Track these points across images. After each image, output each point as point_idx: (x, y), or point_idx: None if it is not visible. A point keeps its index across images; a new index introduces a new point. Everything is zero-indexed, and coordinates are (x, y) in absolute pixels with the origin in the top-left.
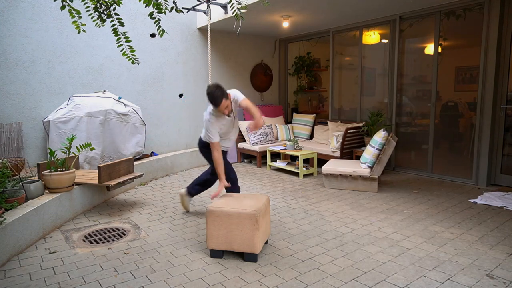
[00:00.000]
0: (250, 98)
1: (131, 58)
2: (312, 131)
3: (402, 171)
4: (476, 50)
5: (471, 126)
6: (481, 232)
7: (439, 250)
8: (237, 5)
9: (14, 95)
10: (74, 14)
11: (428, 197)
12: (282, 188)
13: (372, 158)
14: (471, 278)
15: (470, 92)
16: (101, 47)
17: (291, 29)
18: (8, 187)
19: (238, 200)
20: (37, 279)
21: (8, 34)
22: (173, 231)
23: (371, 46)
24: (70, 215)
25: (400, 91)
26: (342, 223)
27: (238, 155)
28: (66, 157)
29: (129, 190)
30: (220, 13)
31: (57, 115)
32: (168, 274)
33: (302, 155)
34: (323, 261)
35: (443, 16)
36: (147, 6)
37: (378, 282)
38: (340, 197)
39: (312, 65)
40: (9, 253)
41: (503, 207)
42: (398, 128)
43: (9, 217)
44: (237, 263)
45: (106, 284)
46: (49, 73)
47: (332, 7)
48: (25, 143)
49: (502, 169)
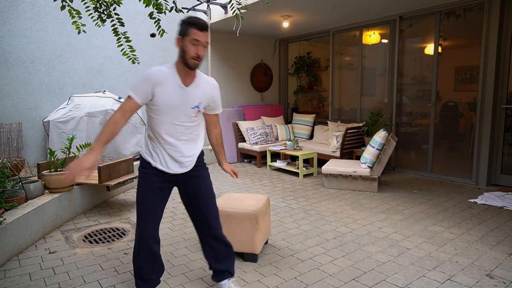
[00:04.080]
0: (250, 98)
1: (131, 58)
2: (312, 131)
3: (402, 171)
4: (476, 50)
5: (471, 126)
6: (481, 232)
7: (439, 250)
8: (237, 5)
9: (14, 95)
10: (74, 14)
11: (428, 197)
12: (282, 188)
13: (372, 158)
14: (471, 278)
15: (470, 92)
16: (101, 47)
17: (291, 29)
18: (8, 187)
19: (238, 200)
20: (37, 279)
21: (8, 34)
22: (173, 231)
23: (371, 46)
24: (70, 215)
25: (400, 91)
26: (342, 223)
27: (238, 155)
28: (66, 157)
29: (129, 190)
30: (220, 13)
31: (57, 115)
32: (168, 274)
33: (302, 155)
34: (323, 261)
35: (443, 16)
36: (147, 6)
37: (378, 282)
38: (340, 197)
39: (312, 65)
40: (9, 253)
41: (503, 207)
42: (398, 128)
43: (9, 217)
44: (237, 263)
45: (106, 284)
46: (49, 73)
47: (332, 7)
48: (25, 143)
49: (502, 169)
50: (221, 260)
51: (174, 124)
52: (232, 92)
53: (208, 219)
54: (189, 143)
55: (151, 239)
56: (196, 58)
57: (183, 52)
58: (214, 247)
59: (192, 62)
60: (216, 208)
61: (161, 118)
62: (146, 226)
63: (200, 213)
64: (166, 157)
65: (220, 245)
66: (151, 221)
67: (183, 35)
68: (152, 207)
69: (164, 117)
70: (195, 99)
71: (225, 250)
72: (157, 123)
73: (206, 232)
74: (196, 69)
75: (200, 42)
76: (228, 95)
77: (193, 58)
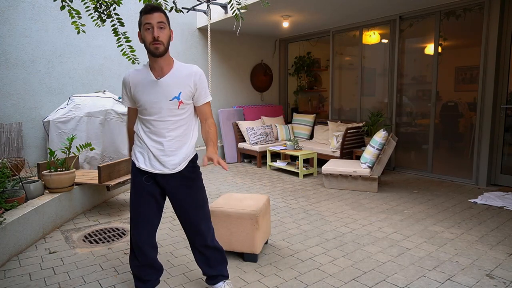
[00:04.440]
0: (250, 98)
1: (131, 58)
2: (312, 131)
3: (402, 171)
4: (476, 50)
5: (471, 126)
6: (481, 232)
7: (439, 250)
8: (237, 5)
9: (14, 95)
10: (74, 14)
11: (428, 197)
12: (282, 188)
13: (372, 158)
14: (471, 278)
15: (470, 92)
16: (101, 47)
17: (291, 29)
18: (8, 187)
19: (238, 200)
20: (37, 279)
21: (8, 34)
22: (173, 231)
23: (371, 46)
24: (70, 215)
25: (400, 91)
26: (342, 223)
27: (238, 155)
28: (66, 157)
29: (129, 190)
30: (220, 13)
31: (57, 115)
32: (168, 274)
33: (302, 155)
34: (323, 261)
35: (443, 16)
36: None
37: (378, 282)
38: (340, 197)
39: (312, 65)
40: (9, 253)
41: (503, 207)
42: (398, 128)
43: (9, 217)
44: (237, 263)
45: (106, 284)
46: (49, 73)
47: (332, 7)
48: (25, 143)
49: (502, 169)
50: (213, 266)
51: (157, 120)
52: (232, 92)
53: (198, 229)
54: (175, 141)
55: (144, 246)
56: (154, 41)
57: (144, 42)
58: (206, 254)
59: (153, 47)
60: (208, 217)
61: (145, 117)
62: (138, 233)
63: (190, 223)
64: (151, 155)
65: (211, 251)
66: (143, 227)
67: (139, 28)
68: (144, 214)
69: (147, 115)
70: (172, 90)
71: (217, 255)
72: (143, 122)
73: (197, 241)
74: (168, 57)
75: (152, 24)
76: (228, 95)
77: (152, 43)
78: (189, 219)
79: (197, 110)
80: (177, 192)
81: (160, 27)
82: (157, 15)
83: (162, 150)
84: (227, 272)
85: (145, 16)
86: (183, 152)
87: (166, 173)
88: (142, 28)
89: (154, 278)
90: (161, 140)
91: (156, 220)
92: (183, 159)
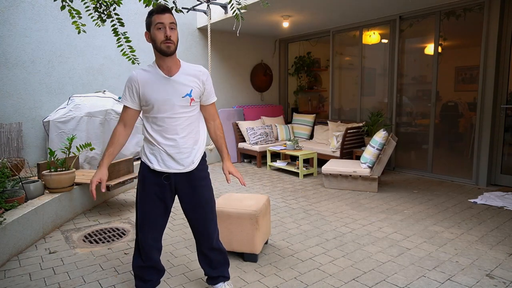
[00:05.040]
0: (250, 98)
1: (131, 58)
2: (312, 131)
3: (402, 171)
4: (476, 50)
5: (471, 126)
6: (481, 232)
7: (439, 250)
8: (237, 5)
9: (14, 95)
10: (74, 14)
11: (428, 197)
12: (282, 188)
13: (372, 158)
14: (471, 278)
15: (470, 92)
16: (101, 47)
17: (291, 29)
18: (8, 187)
19: (238, 200)
20: (37, 279)
21: (8, 34)
22: (173, 231)
23: (371, 46)
24: (70, 215)
25: (400, 91)
26: (342, 223)
27: (238, 155)
28: (66, 157)
29: (129, 190)
30: (220, 13)
31: (57, 115)
32: (168, 274)
33: (302, 155)
34: (323, 261)
35: (443, 16)
36: (147, 6)
37: (378, 282)
38: (340, 197)
39: (312, 65)
40: (9, 253)
41: (503, 207)
42: (398, 128)
43: (9, 217)
44: (237, 263)
45: (106, 284)
46: (49, 73)
47: (332, 7)
48: (25, 143)
49: (502, 169)
50: (215, 267)
51: (171, 117)
52: (232, 92)
53: (207, 231)
54: (189, 137)
55: (150, 248)
56: (166, 40)
57: (154, 42)
58: (210, 256)
59: (165, 46)
60: (215, 219)
61: (157, 115)
62: (145, 235)
63: (199, 225)
64: (164, 155)
65: (215, 253)
66: (150, 230)
67: (148, 28)
68: (151, 216)
69: (159, 113)
70: (184, 87)
71: (220, 257)
72: (153, 121)
73: (204, 244)
74: (175, 57)
75: (164, 24)
76: (228, 95)
77: (164, 41)
78: (199, 220)
79: (204, 110)
80: (189, 193)
81: (171, 27)
82: (168, 16)
83: (177, 147)
84: (228, 273)
85: (157, 16)
86: (196, 149)
87: (181, 171)
88: (153, 27)
89: (155, 278)
90: (175, 137)
91: (163, 222)
92: (197, 157)
